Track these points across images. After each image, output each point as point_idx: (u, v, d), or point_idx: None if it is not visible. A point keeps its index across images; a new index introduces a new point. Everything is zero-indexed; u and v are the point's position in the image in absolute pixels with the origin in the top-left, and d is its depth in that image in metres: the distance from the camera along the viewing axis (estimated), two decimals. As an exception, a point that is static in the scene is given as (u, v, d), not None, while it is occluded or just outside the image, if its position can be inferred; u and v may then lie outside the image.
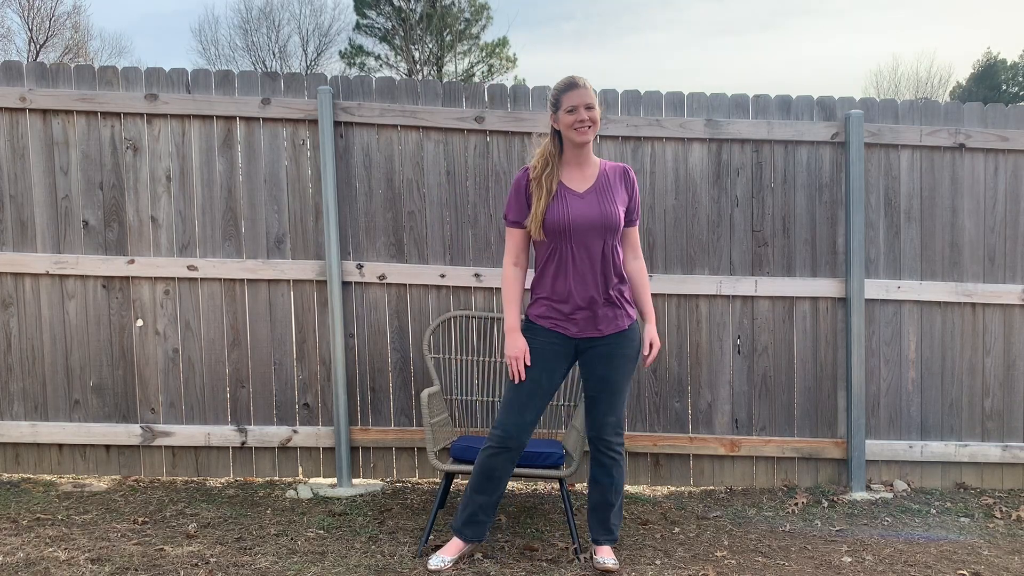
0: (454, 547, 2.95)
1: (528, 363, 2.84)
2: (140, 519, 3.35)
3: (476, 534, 2.96)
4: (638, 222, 3.04)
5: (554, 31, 44.08)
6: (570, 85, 2.84)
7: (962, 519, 3.71)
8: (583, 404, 3.37)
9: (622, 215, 2.90)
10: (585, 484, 4.02)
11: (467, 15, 27.02)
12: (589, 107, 2.81)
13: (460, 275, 3.93)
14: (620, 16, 44.07)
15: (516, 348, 2.85)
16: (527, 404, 2.86)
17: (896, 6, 45.01)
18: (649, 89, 4.01)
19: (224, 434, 3.91)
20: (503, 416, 2.88)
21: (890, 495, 3.98)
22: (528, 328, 2.93)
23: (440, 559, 2.91)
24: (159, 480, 3.91)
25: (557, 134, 2.90)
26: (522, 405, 2.86)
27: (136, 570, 2.81)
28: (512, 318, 2.90)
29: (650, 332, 3.00)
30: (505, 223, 2.97)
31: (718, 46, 45.21)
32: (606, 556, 2.97)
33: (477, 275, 3.93)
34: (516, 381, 2.86)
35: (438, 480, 3.97)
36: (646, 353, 2.99)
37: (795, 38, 46.58)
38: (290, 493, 3.78)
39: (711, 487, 4.07)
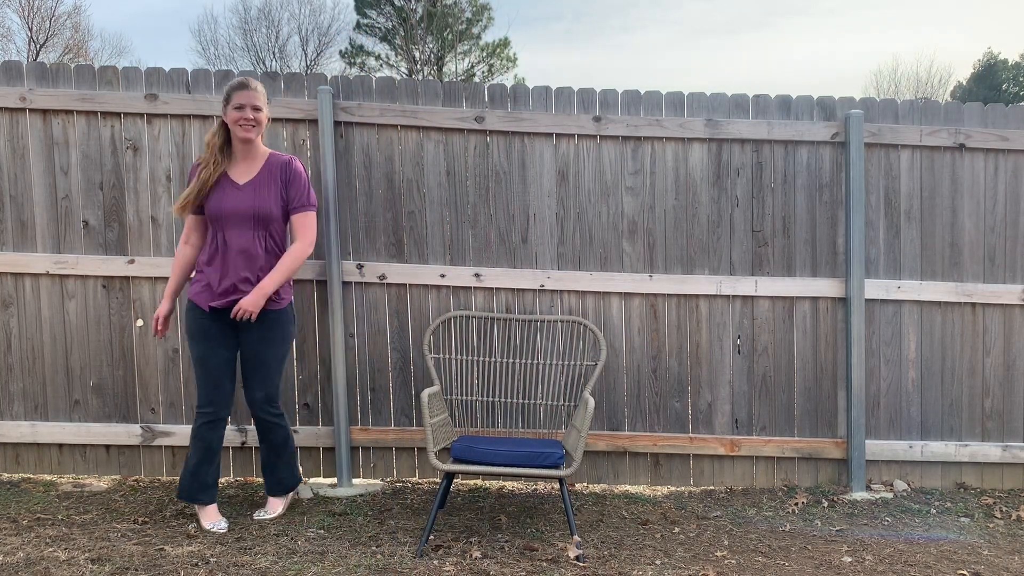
0: (206, 513, 3.28)
1: (163, 330, 3.33)
2: (140, 519, 3.35)
3: (213, 495, 3.30)
4: (307, 209, 3.28)
5: (544, 31, 44.17)
6: (242, 85, 3.19)
7: (962, 519, 3.71)
8: (581, 404, 3.38)
9: (277, 206, 3.21)
10: (585, 483, 4.04)
11: (468, 15, 27.04)
12: (256, 108, 3.18)
13: (460, 275, 3.93)
14: (610, 16, 44.16)
15: (159, 311, 3.32)
16: (216, 377, 3.21)
17: (891, 5, 45.03)
18: (649, 89, 4.01)
19: (224, 434, 3.90)
20: (204, 392, 3.22)
21: (890, 495, 3.98)
22: (190, 308, 3.24)
23: (214, 524, 3.23)
24: (159, 480, 3.91)
25: (227, 127, 3.23)
26: (213, 379, 3.21)
27: (136, 570, 2.81)
28: (167, 288, 3.36)
29: (247, 298, 3.13)
30: None
31: (710, 46, 45.29)
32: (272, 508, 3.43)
33: (477, 275, 3.93)
34: (157, 337, 3.43)
35: (438, 480, 3.97)
36: (234, 314, 3.14)
37: (789, 38, 46.64)
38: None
39: (711, 487, 4.07)
